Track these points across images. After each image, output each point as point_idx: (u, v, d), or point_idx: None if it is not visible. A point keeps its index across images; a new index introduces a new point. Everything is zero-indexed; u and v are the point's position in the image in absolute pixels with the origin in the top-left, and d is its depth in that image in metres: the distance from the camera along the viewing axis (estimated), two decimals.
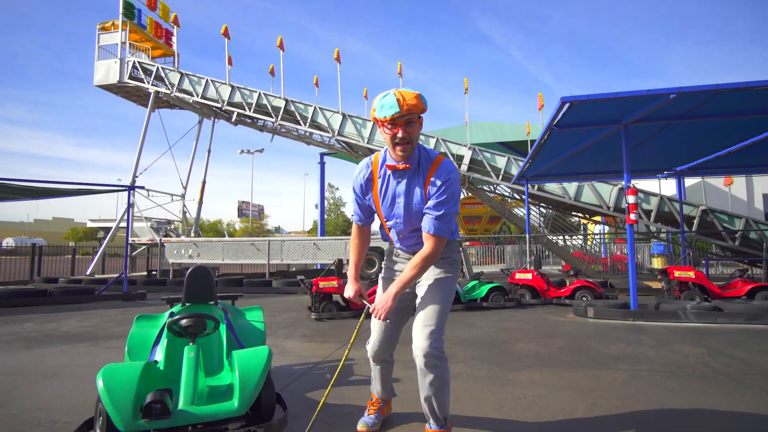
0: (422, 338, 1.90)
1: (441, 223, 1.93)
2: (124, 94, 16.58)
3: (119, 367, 2.07)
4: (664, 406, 2.65)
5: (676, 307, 5.74)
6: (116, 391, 1.93)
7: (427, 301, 2.00)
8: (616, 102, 5.27)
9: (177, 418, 1.96)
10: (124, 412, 1.88)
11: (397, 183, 1.99)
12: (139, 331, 2.83)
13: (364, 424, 2.27)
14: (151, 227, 15.25)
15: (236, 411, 2.04)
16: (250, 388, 2.08)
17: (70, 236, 51.30)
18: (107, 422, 1.95)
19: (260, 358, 2.21)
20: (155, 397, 1.88)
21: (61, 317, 6.61)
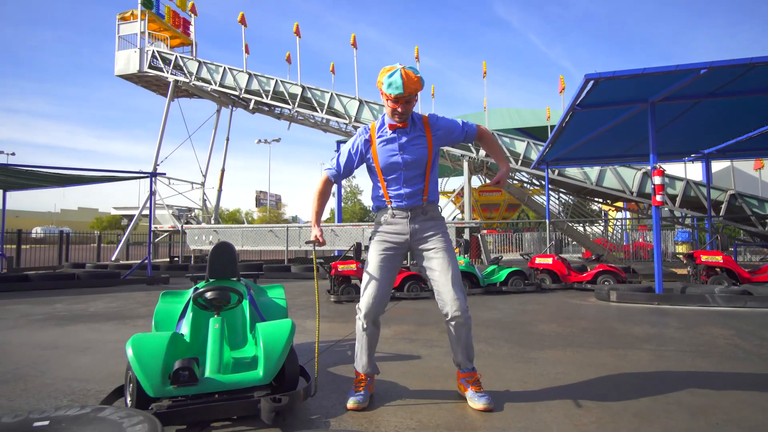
0: (460, 301, 2.26)
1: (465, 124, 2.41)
2: (144, 83, 16.81)
3: (147, 336, 2.12)
4: (695, 384, 2.58)
5: (703, 291, 5.59)
6: (145, 358, 1.99)
7: (451, 269, 2.29)
8: (642, 79, 5.10)
9: (204, 386, 2.02)
10: (153, 379, 1.94)
11: (398, 138, 2.32)
12: (165, 306, 2.90)
13: (355, 401, 2.24)
14: (172, 215, 15.55)
15: (261, 380, 2.09)
16: (275, 358, 2.14)
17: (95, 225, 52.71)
18: (137, 388, 2.00)
19: (284, 330, 2.26)
20: (183, 364, 1.94)
21: (89, 299, 6.81)
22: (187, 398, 2.00)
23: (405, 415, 2.16)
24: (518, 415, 2.14)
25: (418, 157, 2.32)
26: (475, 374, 2.32)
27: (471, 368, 2.33)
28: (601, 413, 2.15)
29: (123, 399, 2.17)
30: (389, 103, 2.21)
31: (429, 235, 2.34)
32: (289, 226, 13.43)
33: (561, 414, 2.15)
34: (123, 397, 2.18)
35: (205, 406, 1.96)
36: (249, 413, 2.01)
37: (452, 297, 2.24)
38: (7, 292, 7.65)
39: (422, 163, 2.33)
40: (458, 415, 2.14)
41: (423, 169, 2.35)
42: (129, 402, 2.08)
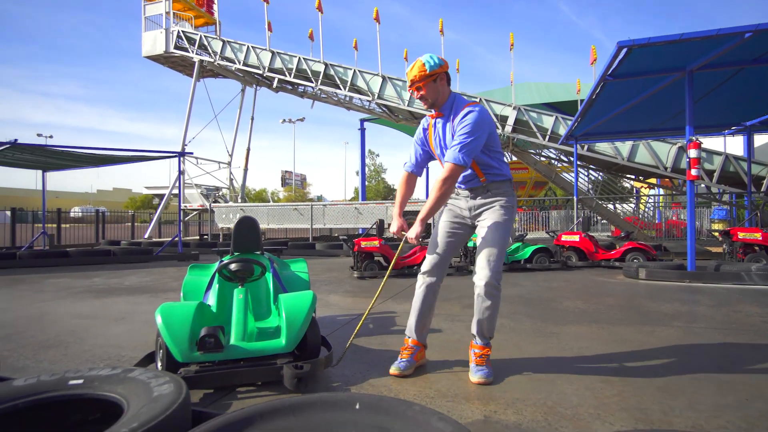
0: (485, 271, 2.23)
1: (452, 151, 2.23)
2: (170, 64, 17.03)
3: (175, 305, 2.21)
4: (725, 360, 2.51)
5: (739, 269, 5.37)
6: (174, 326, 2.08)
7: (488, 241, 2.28)
8: (680, 45, 4.81)
9: (229, 352, 2.11)
10: (182, 345, 2.04)
11: (437, 127, 2.41)
12: (192, 278, 3.01)
13: (396, 368, 2.30)
14: (201, 194, 15.94)
15: (283, 348, 2.18)
16: (296, 327, 2.21)
17: (129, 205, 54.69)
18: (167, 354, 2.09)
19: (305, 301, 2.34)
20: (209, 331, 2.02)
21: (125, 274, 7.12)
22: (213, 364, 2.08)
23: (424, 384, 2.18)
24: (537, 386, 2.13)
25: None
26: (485, 349, 2.30)
27: (481, 342, 2.31)
28: (623, 386, 2.12)
29: (154, 364, 2.28)
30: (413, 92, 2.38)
31: (484, 210, 2.39)
32: (314, 205, 13.58)
33: (582, 386, 2.13)
34: (154, 362, 2.29)
35: (231, 371, 2.05)
36: (272, 379, 2.09)
37: (477, 267, 2.29)
38: (50, 267, 8.09)
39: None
40: (476, 386, 2.15)
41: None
42: (159, 366, 2.18)
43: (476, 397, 2.01)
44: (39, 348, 2.91)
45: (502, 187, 2.39)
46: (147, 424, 1.15)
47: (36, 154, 9.24)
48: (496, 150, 2.37)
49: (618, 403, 1.93)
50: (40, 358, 2.70)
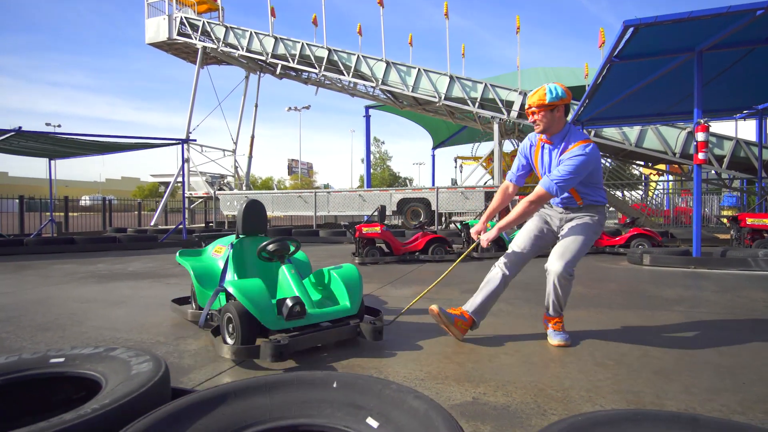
0: (560, 262, 2.42)
1: (549, 180, 2.40)
2: (174, 51, 16.95)
3: (245, 282, 2.31)
4: (726, 344, 2.46)
5: (745, 254, 5.27)
6: (257, 299, 2.20)
7: (570, 238, 2.48)
8: (689, 24, 4.66)
9: (309, 318, 2.32)
10: (270, 315, 2.19)
11: (544, 151, 2.55)
12: (200, 263, 3.06)
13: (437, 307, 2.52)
14: (206, 181, 15.98)
15: (350, 311, 2.49)
16: (356, 292, 2.55)
17: (137, 193, 55.15)
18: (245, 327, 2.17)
19: (354, 271, 2.67)
20: (297, 300, 2.22)
21: (129, 260, 7.17)
22: (297, 330, 2.25)
23: (415, 366, 2.16)
24: (530, 369, 2.10)
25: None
26: (558, 319, 2.54)
27: (554, 315, 2.55)
28: (618, 370, 2.08)
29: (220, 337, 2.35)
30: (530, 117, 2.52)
31: (570, 223, 2.57)
32: (317, 192, 13.56)
33: (575, 369, 2.09)
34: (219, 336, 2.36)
35: (320, 333, 2.28)
36: (350, 337, 2.42)
37: (552, 259, 2.47)
38: (56, 253, 8.18)
39: None
40: (468, 368, 2.13)
41: None
42: (230, 340, 2.26)
43: (467, 379, 1.98)
44: (37, 330, 2.93)
45: (593, 210, 2.57)
46: (120, 401, 1.13)
47: (41, 142, 9.29)
48: (597, 183, 2.54)
49: (611, 386, 1.89)
50: (37, 339, 2.72)
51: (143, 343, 2.59)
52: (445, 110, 13.91)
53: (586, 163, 2.36)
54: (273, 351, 2.02)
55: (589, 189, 2.52)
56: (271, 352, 2.02)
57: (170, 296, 4.01)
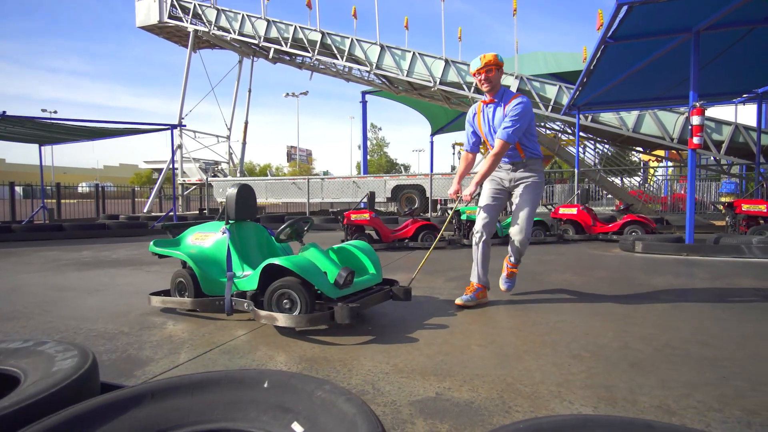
0: (520, 235, 3.00)
1: (504, 131, 2.86)
2: (165, 34, 16.62)
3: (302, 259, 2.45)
4: (710, 335, 2.36)
5: (739, 241, 5.17)
6: (314, 273, 2.38)
7: (524, 208, 2.99)
8: (686, 2, 4.48)
9: (354, 286, 2.58)
10: (329, 285, 2.42)
11: (487, 111, 3.02)
12: (194, 249, 2.96)
13: (460, 299, 3.01)
14: (199, 168, 15.81)
15: (378, 279, 2.84)
16: (379, 263, 2.89)
17: (134, 180, 54.88)
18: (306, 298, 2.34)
19: (369, 246, 2.99)
20: (348, 271, 2.44)
21: (116, 247, 7.07)
22: (348, 296, 2.51)
23: (383, 358, 2.07)
24: (502, 362, 2.01)
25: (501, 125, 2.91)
26: (515, 267, 3.17)
27: (514, 261, 3.14)
28: (594, 363, 1.99)
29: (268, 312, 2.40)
30: (476, 78, 2.96)
31: (521, 183, 3.05)
32: (310, 178, 13.41)
33: (549, 362, 2.00)
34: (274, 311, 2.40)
35: (369, 297, 2.59)
36: (385, 300, 2.77)
37: (515, 231, 3.02)
38: (44, 240, 8.07)
39: None
40: (437, 361, 2.03)
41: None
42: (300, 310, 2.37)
43: (433, 373, 1.89)
44: (0, 320, 2.83)
45: (536, 164, 3.06)
46: (28, 400, 1.03)
47: (27, 127, 9.10)
48: (533, 134, 3.01)
49: (583, 381, 1.80)
50: None
51: (106, 333, 2.50)
52: (441, 95, 13.67)
53: (527, 111, 2.87)
54: (350, 313, 2.25)
55: (528, 141, 2.98)
56: (348, 313, 2.25)
57: (148, 284, 3.93)
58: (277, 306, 2.41)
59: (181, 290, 2.97)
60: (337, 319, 2.28)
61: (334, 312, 2.29)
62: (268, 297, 2.41)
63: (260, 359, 2.08)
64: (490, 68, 2.88)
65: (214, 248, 2.94)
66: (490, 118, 2.97)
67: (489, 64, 2.87)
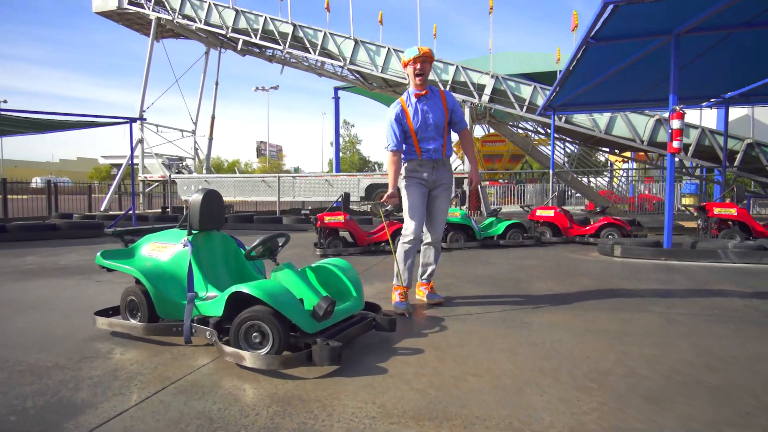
0: (439, 234, 3.22)
1: (464, 120, 3.18)
2: (125, 22, 15.67)
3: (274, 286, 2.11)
4: (714, 357, 2.21)
5: (715, 246, 5.18)
6: (290, 304, 2.07)
7: (442, 212, 3.19)
8: (670, 4, 4.40)
9: (334, 315, 2.26)
10: (306, 317, 2.09)
11: (423, 103, 3.04)
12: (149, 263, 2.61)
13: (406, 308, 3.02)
14: (162, 164, 15.02)
15: (360, 306, 2.52)
16: (360, 287, 2.57)
17: (93, 175, 52.19)
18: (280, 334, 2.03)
19: (350, 265, 2.66)
20: (329, 302, 2.13)
21: (66, 251, 6.49)
22: (327, 328, 2.22)
23: (366, 397, 1.80)
24: (503, 398, 1.77)
25: (440, 119, 3.03)
26: (431, 283, 3.29)
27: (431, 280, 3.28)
28: (603, 396, 1.78)
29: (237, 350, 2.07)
30: (410, 67, 2.99)
31: (440, 184, 3.15)
32: (281, 176, 12.94)
33: (555, 397, 1.78)
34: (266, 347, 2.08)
35: (350, 330, 2.30)
36: (368, 331, 2.46)
37: (433, 230, 3.20)
38: None
39: (442, 122, 3.05)
40: (430, 398, 1.78)
41: (442, 128, 3.06)
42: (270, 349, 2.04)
43: (428, 416, 1.63)
44: None
45: (449, 164, 3.21)
46: None
47: None
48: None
49: (597, 421, 1.59)
50: None
51: (36, 368, 2.11)
52: None
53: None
54: (331, 354, 1.96)
55: (449, 136, 3.17)
56: (328, 355, 1.96)
57: (96, 299, 3.51)
58: (245, 340, 2.08)
59: (132, 310, 2.60)
60: (315, 361, 1.99)
61: (312, 351, 1.99)
62: (235, 329, 2.07)
63: (223, 401, 1.77)
64: (426, 59, 2.94)
65: (172, 263, 2.57)
66: (427, 112, 3.00)
67: (426, 55, 2.92)
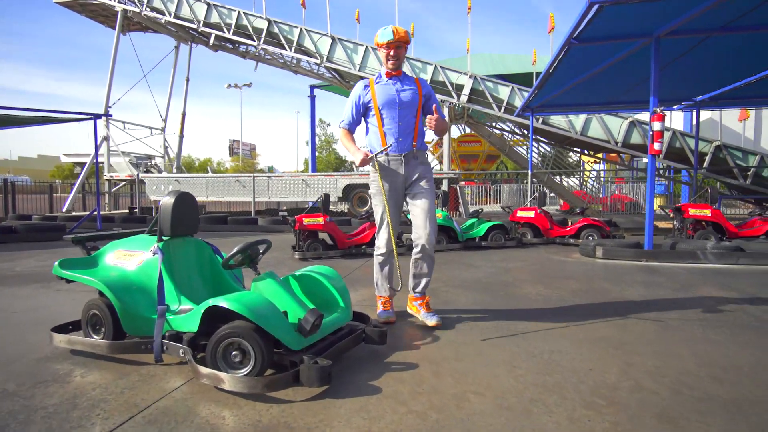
0: (431, 235, 2.73)
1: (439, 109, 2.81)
2: (88, 13, 14.92)
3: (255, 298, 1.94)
4: (718, 366, 2.14)
5: (694, 247, 5.24)
6: (275, 321, 1.89)
7: (428, 209, 2.75)
8: (653, 6, 4.41)
9: (323, 330, 2.10)
10: (291, 334, 1.92)
11: (394, 83, 2.81)
12: (114, 273, 2.36)
13: (387, 317, 2.82)
14: (129, 162, 14.37)
15: (348, 318, 2.35)
16: (348, 298, 2.40)
17: (55, 174, 49.87)
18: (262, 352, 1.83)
19: (336, 273, 2.49)
20: (316, 315, 1.95)
21: (23, 256, 6.04)
22: (316, 344, 2.05)
23: (362, 421, 1.63)
24: (510, 420, 1.64)
25: (411, 100, 2.77)
26: (426, 297, 2.85)
27: (425, 292, 2.84)
28: (614, 415, 1.67)
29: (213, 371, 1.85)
30: (383, 50, 2.74)
31: (417, 178, 2.80)
32: (256, 176, 12.57)
33: (564, 417, 1.66)
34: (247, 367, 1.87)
35: (342, 343, 2.13)
36: (358, 344, 2.30)
37: (426, 231, 2.72)
38: None
39: (414, 106, 2.77)
40: (431, 422, 1.62)
41: (414, 113, 2.77)
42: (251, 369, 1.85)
43: None
44: None
45: (424, 156, 2.87)
46: None
47: None
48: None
49: None
50: None
51: None
52: None
53: None
54: (321, 374, 1.79)
55: (422, 126, 2.80)
56: (318, 375, 1.78)
57: (55, 310, 3.21)
58: (223, 359, 1.88)
59: (95, 325, 2.34)
60: (303, 382, 1.80)
61: (298, 371, 1.81)
62: (212, 348, 1.86)
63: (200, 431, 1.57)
64: (401, 45, 2.72)
65: (141, 273, 2.33)
66: (397, 91, 2.76)
67: (402, 40, 2.70)
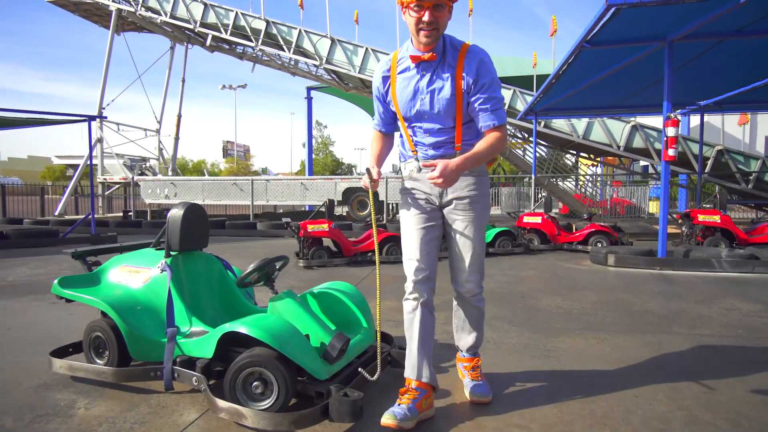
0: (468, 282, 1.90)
1: (499, 111, 1.73)
2: (82, 12, 14.65)
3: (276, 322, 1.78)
4: (762, 385, 2.01)
5: (708, 255, 5.14)
6: (299, 347, 1.72)
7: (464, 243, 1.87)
8: (668, 9, 4.30)
9: (347, 356, 1.93)
10: (317, 360, 1.76)
11: (421, 76, 1.76)
12: (118, 291, 2.22)
13: (391, 415, 1.65)
14: (123, 164, 14.10)
15: (371, 337, 2.15)
16: (370, 315, 2.22)
17: (46, 175, 49.18)
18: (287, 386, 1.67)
19: (356, 289, 2.32)
20: (343, 340, 1.79)
21: (15, 264, 5.81)
22: (342, 370, 1.88)
23: None
24: None
25: (447, 107, 1.75)
26: (474, 359, 2.02)
27: (471, 354, 2.02)
28: None
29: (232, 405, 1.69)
30: (411, 12, 1.62)
31: (453, 200, 1.85)
32: (255, 179, 12.37)
33: None
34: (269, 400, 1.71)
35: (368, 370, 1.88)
36: (385, 368, 2.00)
37: (458, 279, 1.92)
38: None
39: (451, 108, 1.75)
40: None
41: (453, 114, 1.77)
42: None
43: None
44: None
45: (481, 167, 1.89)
46: None
47: None
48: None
49: None
50: None
51: None
52: None
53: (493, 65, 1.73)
54: (353, 409, 1.59)
55: (471, 123, 1.80)
56: (350, 410, 1.59)
57: (54, 327, 3.02)
58: (243, 390, 1.72)
59: (99, 349, 2.17)
60: (333, 418, 1.62)
61: (327, 405, 1.63)
62: (230, 379, 1.70)
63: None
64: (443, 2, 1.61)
65: (147, 291, 2.16)
66: (424, 85, 1.74)
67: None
